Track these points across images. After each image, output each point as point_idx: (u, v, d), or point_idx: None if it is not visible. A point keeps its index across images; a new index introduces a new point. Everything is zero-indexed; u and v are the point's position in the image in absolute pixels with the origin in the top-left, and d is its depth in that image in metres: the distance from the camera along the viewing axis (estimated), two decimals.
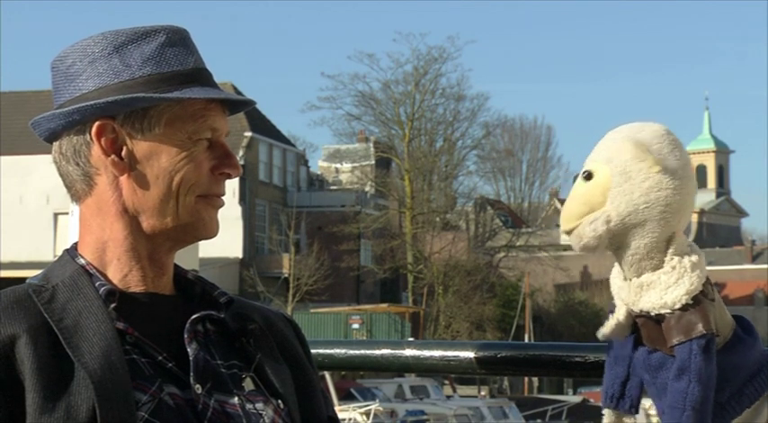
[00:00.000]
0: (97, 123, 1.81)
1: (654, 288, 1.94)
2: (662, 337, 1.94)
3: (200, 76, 1.86)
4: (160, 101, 1.80)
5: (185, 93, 1.81)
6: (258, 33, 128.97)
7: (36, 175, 42.77)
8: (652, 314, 1.94)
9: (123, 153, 1.81)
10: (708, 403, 1.88)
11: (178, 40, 1.86)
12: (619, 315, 1.99)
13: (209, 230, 1.86)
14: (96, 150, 1.81)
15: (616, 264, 2.03)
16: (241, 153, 48.37)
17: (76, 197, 1.87)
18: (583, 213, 1.96)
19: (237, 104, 1.91)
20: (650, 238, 1.94)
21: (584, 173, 1.97)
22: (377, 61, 69.58)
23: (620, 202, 1.94)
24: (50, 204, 42.89)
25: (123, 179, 1.82)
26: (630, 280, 1.97)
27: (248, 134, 49.13)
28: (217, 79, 1.91)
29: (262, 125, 50.95)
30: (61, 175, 1.87)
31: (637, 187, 1.93)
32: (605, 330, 2.01)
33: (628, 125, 2.00)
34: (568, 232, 1.98)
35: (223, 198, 1.88)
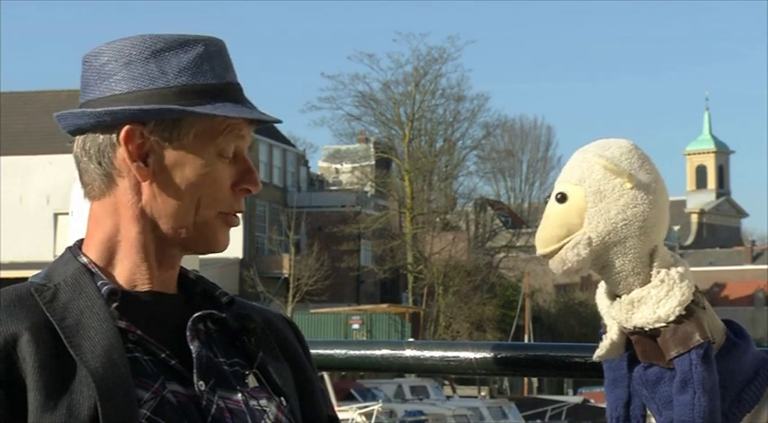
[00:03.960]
0: (127, 128, 1.80)
1: (645, 303, 1.93)
2: (657, 351, 1.93)
3: (233, 92, 1.86)
4: (193, 115, 1.80)
5: (218, 108, 1.81)
6: (258, 33, 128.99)
7: (36, 175, 42.76)
8: (646, 329, 1.93)
9: (149, 160, 1.81)
10: (716, 412, 1.88)
11: (215, 52, 1.86)
12: (612, 334, 1.98)
13: (220, 246, 1.87)
14: (122, 153, 1.81)
15: (600, 284, 2.02)
16: None
17: (92, 194, 1.86)
18: (560, 236, 1.95)
19: (263, 120, 1.91)
20: (633, 254, 1.94)
21: (557, 195, 1.96)
22: (377, 61, 69.73)
23: (598, 221, 1.93)
24: (50, 204, 42.87)
25: (145, 185, 1.81)
26: (620, 298, 1.97)
27: None
28: None
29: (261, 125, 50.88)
30: (80, 171, 1.86)
31: (612, 205, 1.93)
32: (600, 352, 2.00)
33: (594, 143, 1.99)
34: (546, 255, 1.97)
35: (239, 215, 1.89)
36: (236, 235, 46.86)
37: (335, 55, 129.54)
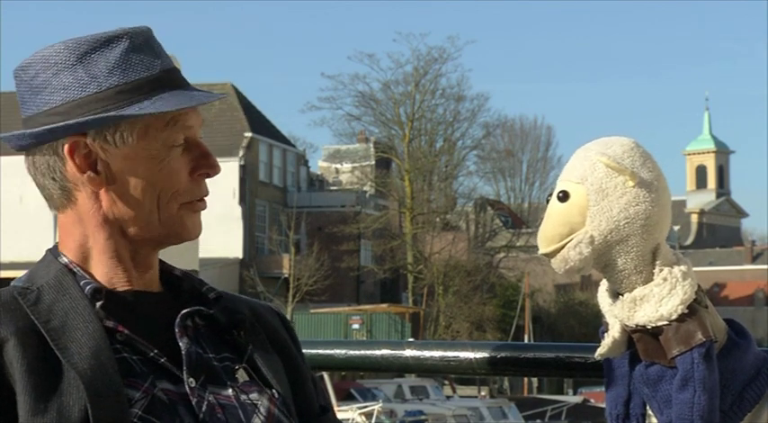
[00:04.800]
0: (69, 141, 1.79)
1: (648, 301, 1.92)
2: (659, 349, 1.93)
3: (169, 79, 1.82)
4: (130, 117, 1.78)
5: (156, 103, 1.78)
6: (258, 33, 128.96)
7: None
8: (648, 328, 1.93)
9: (99, 167, 1.79)
10: (715, 412, 1.88)
11: (142, 42, 1.83)
12: (614, 332, 1.98)
13: (192, 234, 1.86)
14: (71, 167, 1.79)
15: (602, 282, 2.02)
16: (241, 153, 48.37)
17: (55, 207, 1.85)
18: (563, 234, 1.95)
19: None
20: (635, 252, 1.93)
21: (558, 193, 1.96)
22: (377, 61, 69.71)
23: (600, 220, 1.93)
24: None
25: (102, 193, 1.80)
26: (622, 296, 1.97)
27: (248, 134, 49.13)
28: (217, 79, 1.91)
29: (262, 125, 50.95)
30: (38, 187, 1.85)
31: (615, 204, 1.92)
32: (602, 350, 2.00)
33: (595, 141, 1.99)
34: (548, 254, 1.97)
35: (209, 198, 1.87)
36: (236, 235, 46.88)
37: (335, 55, 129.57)
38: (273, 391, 1.86)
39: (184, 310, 1.83)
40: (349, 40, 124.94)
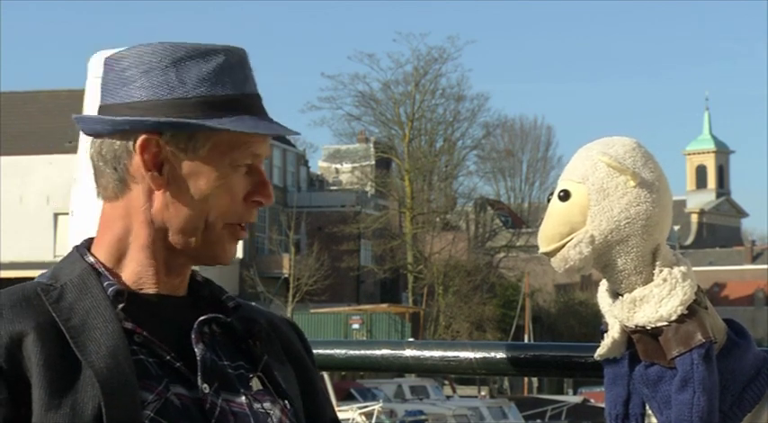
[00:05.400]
0: (143, 137, 1.80)
1: (647, 302, 1.92)
2: (659, 350, 1.93)
3: (251, 104, 1.85)
4: (209, 129, 1.80)
5: (235, 122, 1.81)
6: (258, 33, 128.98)
7: (36, 175, 42.75)
8: (648, 328, 1.93)
9: (164, 169, 1.81)
10: (714, 413, 1.88)
11: (236, 62, 1.85)
12: (613, 333, 1.98)
13: (227, 259, 1.88)
14: (137, 161, 1.81)
15: (602, 282, 2.02)
16: None
17: (105, 195, 1.86)
18: (563, 233, 1.95)
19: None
20: (635, 253, 1.93)
21: (560, 192, 1.96)
22: (377, 61, 69.58)
23: (601, 220, 1.93)
24: (50, 204, 42.85)
25: (158, 194, 1.82)
26: (622, 296, 1.96)
27: None
28: None
29: None
30: (95, 172, 1.87)
31: (616, 203, 1.92)
32: (602, 351, 2.00)
33: (597, 141, 1.99)
34: (549, 253, 1.97)
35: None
36: None
37: (335, 55, 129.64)
38: (286, 401, 1.87)
39: (202, 317, 1.84)
40: (349, 40, 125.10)
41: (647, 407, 2.01)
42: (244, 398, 1.81)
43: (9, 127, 42.87)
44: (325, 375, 23.30)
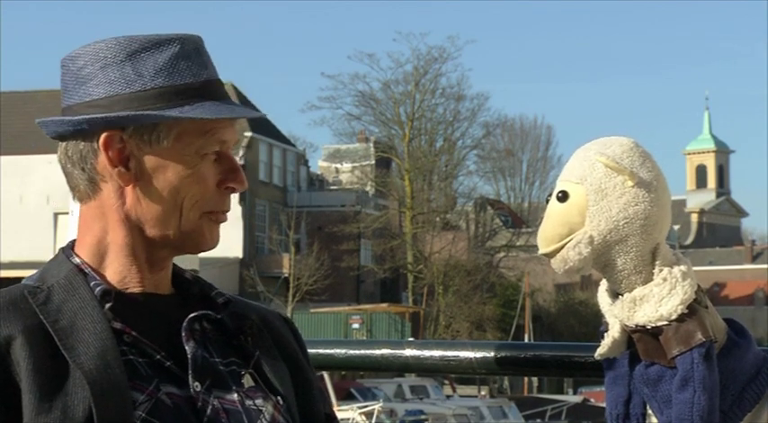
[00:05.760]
0: (105, 134, 1.80)
1: (648, 301, 1.92)
2: (659, 349, 1.93)
3: (212, 90, 1.84)
4: (170, 119, 1.79)
5: (196, 109, 1.79)
6: (258, 33, 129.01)
7: (36, 175, 42.76)
8: (648, 328, 1.93)
9: (130, 164, 1.80)
10: (715, 412, 1.88)
11: (192, 50, 1.84)
12: (614, 332, 1.98)
13: (209, 245, 1.86)
14: (103, 159, 1.81)
15: (602, 282, 2.02)
16: (241, 153, 48.35)
17: (79, 198, 1.86)
18: (562, 234, 1.95)
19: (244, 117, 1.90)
20: (635, 252, 1.93)
21: (558, 193, 1.96)
22: (377, 61, 69.51)
23: (600, 220, 1.93)
24: (50, 204, 42.87)
25: (128, 189, 1.81)
26: (622, 296, 1.96)
27: (248, 134, 49.11)
28: None
29: (262, 125, 50.90)
30: (65, 175, 1.87)
31: (614, 203, 1.92)
32: (602, 350, 2.00)
33: (594, 141, 1.99)
34: (548, 255, 1.97)
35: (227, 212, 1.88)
36: (236, 235, 46.87)
37: (335, 55, 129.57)
38: (278, 397, 1.86)
39: (192, 314, 1.83)
40: (349, 40, 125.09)
41: (648, 406, 2.01)
42: (236, 395, 1.80)
43: (9, 127, 42.88)
44: (325, 375, 23.30)
